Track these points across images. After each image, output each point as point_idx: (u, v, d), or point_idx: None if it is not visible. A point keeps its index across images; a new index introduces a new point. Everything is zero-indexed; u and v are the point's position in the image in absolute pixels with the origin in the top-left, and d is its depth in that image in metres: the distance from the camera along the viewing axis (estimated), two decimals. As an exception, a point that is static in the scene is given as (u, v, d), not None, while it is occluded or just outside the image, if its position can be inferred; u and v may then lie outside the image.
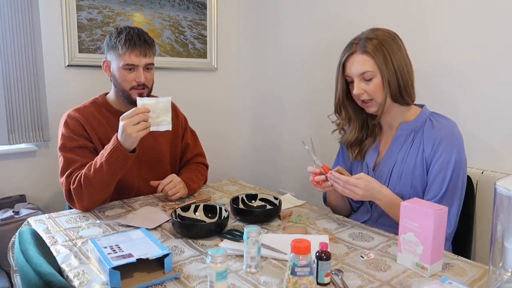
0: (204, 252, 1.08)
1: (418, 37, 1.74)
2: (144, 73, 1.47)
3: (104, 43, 1.50)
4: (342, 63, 1.26)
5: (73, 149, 1.43)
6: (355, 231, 1.24)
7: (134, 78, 1.46)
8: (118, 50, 1.43)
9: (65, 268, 0.98)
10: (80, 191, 1.33)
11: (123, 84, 1.48)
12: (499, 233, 0.84)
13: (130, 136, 1.29)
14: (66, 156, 1.41)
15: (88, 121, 1.49)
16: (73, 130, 1.45)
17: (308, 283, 0.82)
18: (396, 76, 1.20)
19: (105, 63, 1.51)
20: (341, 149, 1.48)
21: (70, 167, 1.39)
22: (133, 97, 1.48)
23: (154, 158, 1.61)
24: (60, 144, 1.44)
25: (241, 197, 1.42)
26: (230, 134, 2.90)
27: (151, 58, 1.49)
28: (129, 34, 1.43)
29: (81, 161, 1.40)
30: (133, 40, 1.43)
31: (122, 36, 1.43)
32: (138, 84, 1.47)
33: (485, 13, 1.53)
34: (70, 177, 1.37)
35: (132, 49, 1.43)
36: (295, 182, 2.52)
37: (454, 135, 1.20)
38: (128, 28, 1.46)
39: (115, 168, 1.33)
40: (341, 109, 1.34)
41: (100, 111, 1.54)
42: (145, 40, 1.46)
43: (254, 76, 2.76)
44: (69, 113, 1.50)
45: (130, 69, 1.45)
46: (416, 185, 1.24)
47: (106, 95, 1.59)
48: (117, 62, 1.46)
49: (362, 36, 1.23)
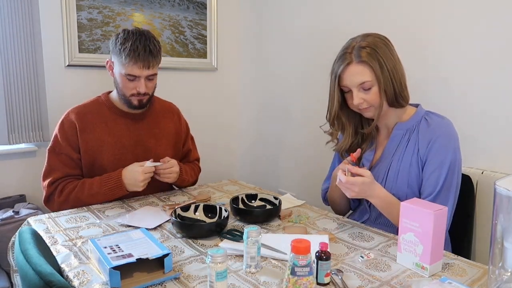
0: (204, 252, 1.08)
1: (418, 38, 1.74)
2: (145, 82, 1.46)
3: (110, 42, 1.48)
4: (339, 75, 1.22)
5: (60, 154, 1.47)
6: (355, 231, 1.24)
7: (135, 86, 1.46)
8: (121, 58, 1.42)
9: (65, 268, 0.98)
10: (66, 203, 1.42)
11: (123, 90, 1.48)
12: (499, 233, 0.84)
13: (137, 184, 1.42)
14: (50, 160, 1.47)
15: (83, 123, 1.49)
16: (65, 134, 1.47)
17: (308, 283, 0.82)
18: (391, 81, 1.19)
19: (108, 63, 1.51)
20: (336, 155, 1.48)
21: (52, 174, 1.45)
22: (133, 103, 1.50)
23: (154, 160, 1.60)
24: (50, 145, 1.49)
25: (241, 197, 1.42)
26: (230, 134, 2.90)
27: (154, 69, 1.47)
28: (135, 43, 1.39)
29: (62, 170, 1.46)
30: (138, 51, 1.39)
31: (127, 46, 1.39)
32: (138, 93, 1.47)
33: (484, 13, 1.53)
34: (52, 186, 1.44)
35: (136, 62, 1.40)
36: (295, 182, 2.51)
37: (449, 134, 1.20)
38: (135, 36, 1.41)
39: (108, 198, 1.44)
40: (335, 121, 1.32)
41: (101, 110, 1.54)
42: (150, 51, 1.42)
43: (254, 76, 2.76)
44: (68, 112, 1.52)
45: (132, 79, 1.45)
46: (413, 184, 1.24)
47: (110, 94, 1.59)
48: (119, 68, 1.45)
49: (354, 44, 1.20)
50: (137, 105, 1.51)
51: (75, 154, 1.48)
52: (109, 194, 1.43)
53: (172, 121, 1.69)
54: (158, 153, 1.61)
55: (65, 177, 1.46)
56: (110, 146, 1.51)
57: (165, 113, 1.67)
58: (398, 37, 1.38)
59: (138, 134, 1.57)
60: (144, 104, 1.53)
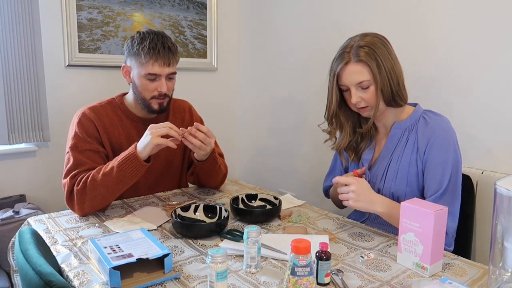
0: (204, 252, 1.08)
1: (417, 38, 1.74)
2: (166, 83, 1.42)
3: (125, 47, 1.44)
4: (337, 74, 1.23)
5: (84, 151, 1.37)
6: (355, 231, 1.24)
7: (156, 87, 1.41)
8: (140, 58, 1.37)
9: (65, 268, 0.98)
10: (84, 193, 1.28)
11: (143, 93, 1.43)
12: (499, 233, 0.84)
13: (149, 140, 1.26)
14: (76, 157, 1.35)
15: (102, 122, 1.44)
16: (87, 130, 1.40)
17: (308, 283, 0.82)
18: (389, 81, 1.20)
19: (124, 68, 1.46)
20: (336, 155, 1.49)
21: (78, 168, 1.33)
22: (153, 107, 1.45)
23: (164, 167, 1.56)
24: (72, 143, 1.38)
25: (241, 197, 1.42)
26: (230, 134, 2.90)
27: (174, 67, 1.44)
28: (153, 41, 1.36)
29: (90, 164, 1.35)
30: (157, 48, 1.36)
31: (146, 44, 1.36)
32: (159, 94, 1.42)
33: (483, 12, 1.53)
34: (74, 178, 1.31)
35: (156, 59, 1.36)
36: (295, 182, 2.52)
37: (448, 132, 1.21)
38: (152, 34, 1.39)
39: (125, 174, 1.28)
40: (333, 120, 1.33)
41: (115, 112, 1.49)
42: (169, 48, 1.39)
43: (254, 76, 2.76)
44: (84, 111, 1.44)
45: (153, 79, 1.40)
46: (412, 183, 1.24)
47: (124, 96, 1.54)
48: (138, 70, 1.40)
49: (353, 43, 1.21)
50: (157, 109, 1.46)
51: (101, 148, 1.41)
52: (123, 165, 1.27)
53: (183, 120, 1.64)
54: (170, 159, 1.58)
55: (90, 169, 1.34)
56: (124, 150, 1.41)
57: (176, 113, 1.63)
58: (397, 37, 1.38)
59: None
60: (164, 108, 1.47)
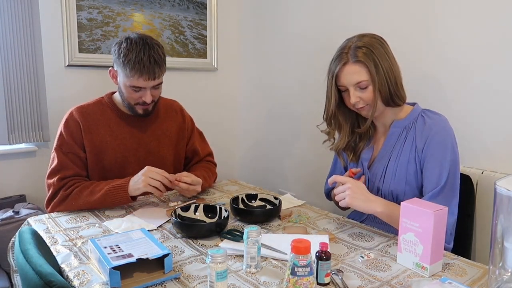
0: (204, 252, 1.08)
1: (417, 37, 1.74)
2: (151, 91, 1.44)
3: (112, 50, 1.43)
4: (336, 74, 1.24)
5: (68, 153, 1.43)
6: (355, 231, 1.24)
7: (141, 96, 1.43)
8: (126, 71, 1.38)
9: (65, 268, 0.98)
10: (66, 198, 1.36)
11: (128, 99, 1.46)
12: (499, 233, 0.84)
13: (139, 182, 1.34)
14: (60, 158, 1.42)
15: (87, 122, 1.47)
16: (71, 132, 1.45)
17: (308, 283, 0.82)
18: (386, 81, 1.20)
19: (111, 72, 1.47)
20: (335, 157, 1.49)
21: (63, 170, 1.40)
22: (138, 111, 1.49)
23: (157, 162, 1.57)
24: (57, 144, 1.44)
25: (241, 197, 1.42)
26: (230, 134, 2.90)
27: (160, 78, 1.44)
28: (139, 55, 1.35)
29: (75, 170, 1.42)
30: (143, 63, 1.35)
31: (131, 57, 1.35)
32: (143, 102, 1.45)
33: (482, 11, 1.53)
34: (62, 181, 1.39)
35: (141, 74, 1.36)
36: (295, 182, 2.52)
37: (445, 130, 1.21)
38: (138, 47, 1.36)
39: (107, 199, 1.36)
40: (332, 120, 1.34)
41: (104, 111, 1.52)
42: (156, 61, 1.37)
43: (254, 76, 2.76)
44: (72, 111, 1.49)
45: (137, 90, 1.42)
46: (411, 181, 1.24)
47: (113, 95, 1.56)
48: (124, 79, 1.41)
49: (351, 44, 1.22)
50: (142, 113, 1.50)
51: (82, 153, 1.46)
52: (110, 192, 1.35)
53: (175, 120, 1.67)
54: (161, 155, 1.60)
55: (76, 176, 1.43)
56: (113, 148, 1.50)
57: (167, 112, 1.65)
58: (397, 36, 1.38)
59: (140, 136, 1.55)
60: (149, 112, 1.51)
